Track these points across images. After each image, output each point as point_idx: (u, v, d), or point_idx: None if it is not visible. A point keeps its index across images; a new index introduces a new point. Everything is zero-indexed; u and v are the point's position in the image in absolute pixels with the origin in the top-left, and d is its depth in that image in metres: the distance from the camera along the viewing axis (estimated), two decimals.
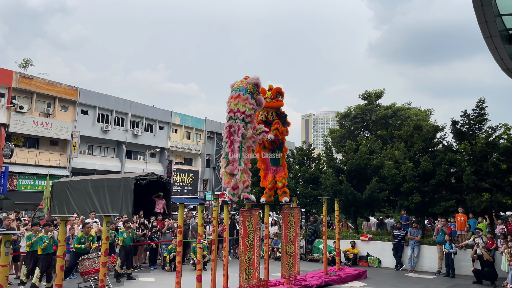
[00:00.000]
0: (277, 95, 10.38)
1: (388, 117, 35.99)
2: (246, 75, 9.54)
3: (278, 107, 10.44)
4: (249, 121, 8.91)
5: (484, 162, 13.48)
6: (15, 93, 29.98)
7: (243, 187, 8.64)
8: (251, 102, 8.95)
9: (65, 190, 16.77)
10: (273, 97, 10.35)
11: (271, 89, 10.56)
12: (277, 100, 10.39)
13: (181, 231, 8.63)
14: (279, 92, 10.46)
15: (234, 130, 8.78)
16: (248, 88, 8.97)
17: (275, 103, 10.35)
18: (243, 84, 9.02)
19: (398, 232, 13.84)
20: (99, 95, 35.64)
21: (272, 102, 10.29)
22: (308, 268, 12.76)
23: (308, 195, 17.16)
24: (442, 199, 13.91)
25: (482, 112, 14.53)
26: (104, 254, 7.21)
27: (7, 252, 5.68)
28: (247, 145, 8.95)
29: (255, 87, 9.10)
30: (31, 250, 9.64)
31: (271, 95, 10.39)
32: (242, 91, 8.91)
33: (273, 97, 10.36)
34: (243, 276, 8.66)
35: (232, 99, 8.96)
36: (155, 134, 40.43)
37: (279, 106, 10.47)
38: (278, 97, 10.42)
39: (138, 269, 13.01)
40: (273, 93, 10.42)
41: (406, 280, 11.97)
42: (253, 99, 9.05)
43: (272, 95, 10.39)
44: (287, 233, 10.15)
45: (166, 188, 16.81)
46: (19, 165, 29.87)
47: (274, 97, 10.37)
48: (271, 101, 10.27)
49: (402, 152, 15.10)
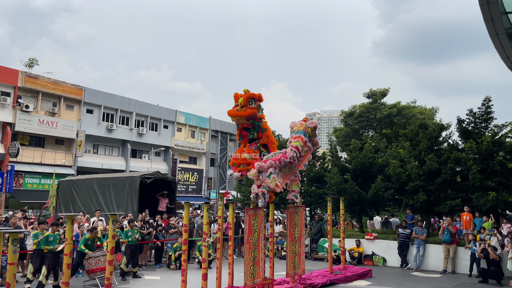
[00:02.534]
0: (249, 102, 9.25)
1: (393, 115, 35.85)
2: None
3: (248, 116, 9.23)
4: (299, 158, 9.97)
5: (490, 160, 13.40)
6: (21, 92, 30.17)
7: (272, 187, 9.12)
8: (308, 145, 10.02)
9: (71, 189, 16.86)
10: (244, 105, 9.25)
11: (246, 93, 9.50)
12: (248, 107, 9.24)
13: (187, 229, 8.65)
14: (252, 98, 9.30)
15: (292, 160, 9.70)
16: (307, 132, 10.07)
17: (244, 112, 9.21)
18: (302, 128, 10.10)
19: (404, 231, 13.80)
20: (104, 94, 35.79)
21: (242, 110, 9.23)
22: (313, 267, 12.75)
23: (312, 194, 17.15)
24: (447, 198, 13.86)
25: (488, 110, 14.45)
26: (111, 252, 7.24)
27: (15, 250, 5.72)
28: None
29: (313, 130, 10.17)
30: (37, 248, 9.71)
31: (242, 102, 9.31)
32: (302, 135, 10.01)
33: (244, 104, 9.25)
34: (248, 275, 8.68)
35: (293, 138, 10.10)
36: (160, 133, 40.54)
37: (250, 115, 9.24)
38: (250, 104, 9.27)
39: (143, 267, 13.06)
40: (244, 100, 9.29)
41: (412, 279, 11.93)
42: (310, 141, 10.09)
43: (243, 102, 9.30)
44: (292, 232, 10.15)
45: (171, 187, 16.87)
46: (25, 164, 30.07)
47: (245, 104, 9.24)
48: (241, 109, 9.25)
49: (408, 151, 15.05)
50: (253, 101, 9.32)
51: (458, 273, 12.63)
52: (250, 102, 9.28)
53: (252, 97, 9.29)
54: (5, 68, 29.56)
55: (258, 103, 9.44)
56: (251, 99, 9.28)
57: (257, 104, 9.38)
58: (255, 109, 9.30)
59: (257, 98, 9.39)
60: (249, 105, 9.26)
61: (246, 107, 9.24)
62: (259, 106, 9.46)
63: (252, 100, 9.29)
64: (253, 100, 9.30)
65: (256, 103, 9.36)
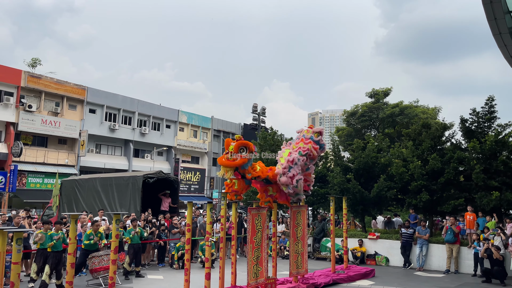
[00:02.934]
0: (240, 150, 8.58)
1: (396, 115, 35.75)
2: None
3: (237, 165, 8.58)
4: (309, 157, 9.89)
5: (493, 160, 13.37)
6: (24, 92, 30.27)
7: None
8: (315, 147, 10.02)
9: (74, 188, 16.89)
10: (235, 153, 8.57)
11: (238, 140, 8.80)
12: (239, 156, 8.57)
13: (190, 229, 8.66)
14: (243, 146, 8.64)
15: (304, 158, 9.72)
16: (313, 136, 10.18)
17: (232, 162, 8.52)
18: (309, 134, 10.24)
19: (407, 231, 13.78)
20: (106, 94, 35.86)
21: (231, 159, 8.54)
22: (315, 267, 12.75)
23: (315, 193, 17.14)
24: (450, 198, 13.83)
25: (492, 110, 14.43)
26: (114, 251, 7.26)
27: (19, 250, 5.73)
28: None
29: (318, 134, 10.26)
30: (41, 248, 9.75)
31: (233, 149, 8.59)
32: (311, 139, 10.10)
33: (235, 152, 8.58)
34: (251, 274, 8.69)
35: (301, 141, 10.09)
36: (162, 133, 40.60)
37: (239, 165, 8.57)
38: (241, 152, 8.61)
39: (146, 266, 13.09)
40: (235, 148, 8.57)
41: (415, 279, 11.92)
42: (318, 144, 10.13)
43: (234, 149, 8.58)
44: (295, 231, 10.15)
45: (174, 187, 16.88)
46: (28, 163, 30.16)
47: (236, 152, 8.57)
48: (230, 158, 8.55)
49: (410, 150, 15.02)
50: (245, 149, 8.65)
51: (461, 273, 12.61)
52: (241, 150, 8.60)
53: (244, 145, 8.64)
54: (8, 68, 29.66)
55: (250, 152, 8.73)
56: (242, 147, 8.62)
57: (248, 153, 8.67)
58: (246, 158, 8.63)
59: (249, 147, 8.71)
60: (240, 154, 8.58)
61: (237, 155, 8.56)
62: (251, 154, 8.77)
63: (243, 148, 8.63)
64: (244, 148, 8.64)
65: (247, 152, 8.67)
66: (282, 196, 9.77)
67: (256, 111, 29.08)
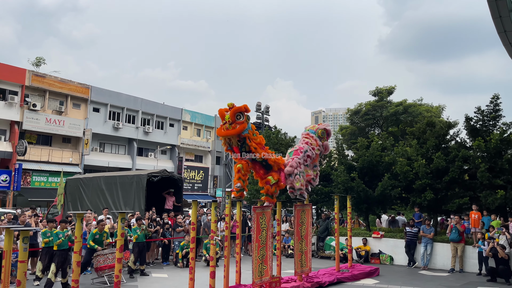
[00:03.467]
0: (236, 117, 8.55)
1: (399, 113, 35.69)
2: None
3: (240, 132, 8.59)
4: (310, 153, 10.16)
5: (498, 159, 13.32)
6: (28, 91, 30.38)
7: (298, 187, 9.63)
8: (318, 143, 10.39)
9: (78, 187, 16.96)
10: (232, 121, 8.57)
11: (231, 108, 8.71)
12: (237, 122, 8.58)
13: (195, 227, 8.67)
14: (240, 112, 8.58)
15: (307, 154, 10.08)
16: (317, 132, 10.54)
17: (234, 130, 8.55)
18: (314, 128, 10.69)
19: (411, 230, 13.75)
20: (110, 93, 35.94)
21: (231, 128, 8.56)
22: (319, 265, 12.75)
23: (319, 192, 17.13)
24: (455, 196, 13.78)
25: (497, 108, 14.36)
26: (119, 250, 7.29)
27: (25, 248, 5.76)
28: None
29: (323, 132, 10.58)
30: (46, 246, 9.80)
31: (229, 119, 8.59)
32: (313, 134, 10.49)
33: (232, 120, 8.57)
34: (256, 273, 8.69)
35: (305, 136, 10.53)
36: (166, 131, 40.66)
37: (241, 131, 8.60)
38: (238, 119, 8.58)
39: (150, 265, 13.13)
40: (232, 116, 8.55)
41: (419, 277, 11.90)
42: (320, 141, 10.44)
43: (230, 118, 8.58)
44: (299, 230, 10.15)
45: (178, 185, 16.92)
46: (33, 162, 30.29)
47: (233, 120, 8.55)
48: (230, 127, 8.56)
49: (415, 149, 14.97)
50: (241, 114, 8.60)
51: (466, 271, 12.57)
52: (238, 116, 8.56)
53: (239, 111, 8.56)
54: (12, 67, 29.77)
55: (246, 115, 8.73)
56: (238, 113, 8.56)
57: (245, 117, 8.67)
58: (245, 123, 8.66)
59: (244, 110, 8.65)
60: (237, 120, 8.57)
61: (235, 123, 8.57)
62: (247, 118, 8.80)
63: (239, 114, 8.57)
64: (240, 114, 8.59)
65: (244, 116, 8.64)
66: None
67: (259, 109, 29.02)
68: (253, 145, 8.91)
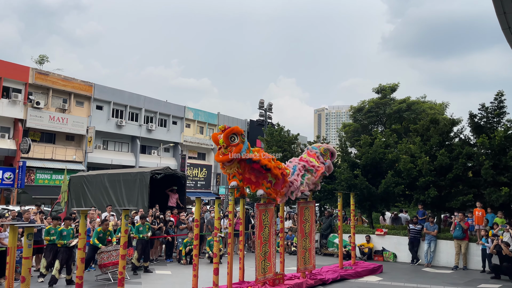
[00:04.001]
0: (230, 139, 8.22)
1: (403, 111, 35.54)
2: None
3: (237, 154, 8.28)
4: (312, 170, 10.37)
5: (502, 156, 13.25)
6: (32, 89, 30.46)
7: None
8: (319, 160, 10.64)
9: (82, 184, 17.00)
10: (227, 145, 8.19)
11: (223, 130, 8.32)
12: (233, 145, 8.24)
13: (198, 224, 8.69)
14: (232, 134, 8.24)
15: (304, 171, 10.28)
16: (320, 150, 10.84)
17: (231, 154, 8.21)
18: (317, 146, 11.06)
19: (415, 227, 13.73)
20: (113, 91, 35.99)
21: (227, 153, 8.18)
22: (322, 262, 12.75)
23: (322, 189, 17.10)
24: (459, 194, 13.74)
25: (501, 105, 14.29)
26: (123, 247, 7.30)
27: (30, 245, 5.78)
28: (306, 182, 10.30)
29: (326, 150, 10.91)
30: (50, 243, 9.85)
31: (223, 143, 8.20)
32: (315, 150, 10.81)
33: (226, 144, 8.18)
34: (259, 270, 8.70)
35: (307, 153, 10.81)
36: (169, 129, 40.71)
37: (239, 152, 8.28)
38: (233, 141, 8.26)
39: (154, 262, 13.16)
40: (225, 140, 8.15)
41: (423, 275, 11.88)
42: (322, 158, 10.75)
43: (224, 142, 8.18)
44: (302, 227, 10.15)
45: (181, 183, 16.92)
46: (36, 159, 30.39)
47: (228, 143, 8.18)
48: (226, 151, 8.18)
49: (418, 146, 14.93)
50: (235, 136, 8.30)
51: (469, 269, 12.55)
52: (231, 138, 8.28)
53: (231, 133, 8.27)
54: (16, 65, 29.85)
55: (241, 135, 8.41)
56: (232, 135, 8.28)
57: (239, 138, 8.34)
58: (241, 144, 8.32)
59: (236, 131, 8.35)
60: (232, 143, 8.27)
61: (230, 146, 8.25)
62: (242, 137, 8.43)
63: (233, 136, 8.28)
64: (234, 136, 8.29)
65: (238, 138, 8.32)
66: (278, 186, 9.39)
67: (262, 107, 29.03)
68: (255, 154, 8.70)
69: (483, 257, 12.17)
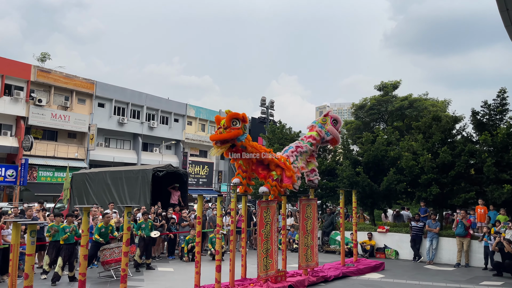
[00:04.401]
0: (232, 123, 8.35)
1: (405, 108, 35.47)
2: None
3: (233, 137, 8.37)
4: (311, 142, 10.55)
5: (505, 153, 13.22)
6: (34, 87, 30.49)
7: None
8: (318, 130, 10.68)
9: (84, 182, 17.04)
10: (227, 126, 8.34)
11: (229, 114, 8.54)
12: (232, 128, 8.35)
13: (200, 221, 8.71)
14: (235, 118, 8.39)
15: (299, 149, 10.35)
16: (318, 121, 10.94)
17: (227, 134, 8.30)
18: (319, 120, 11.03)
19: (417, 224, 13.72)
20: (115, 88, 36.01)
21: (226, 132, 8.33)
22: (324, 260, 12.76)
23: (324, 186, 17.11)
24: (461, 191, 13.72)
25: (504, 102, 14.23)
26: (126, 244, 7.32)
27: (33, 242, 5.80)
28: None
29: (325, 119, 10.87)
30: (53, 240, 9.87)
31: (225, 124, 8.36)
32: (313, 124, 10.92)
33: (227, 125, 8.34)
34: (261, 267, 8.72)
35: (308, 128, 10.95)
36: (171, 127, 40.73)
37: (234, 136, 8.36)
38: (234, 125, 8.37)
39: (156, 259, 13.20)
40: (227, 121, 8.34)
41: (425, 272, 11.88)
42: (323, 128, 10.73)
43: (225, 123, 8.34)
44: (304, 224, 10.15)
45: (183, 180, 16.95)
46: (39, 157, 30.46)
47: (229, 125, 8.33)
48: (224, 132, 8.33)
49: (420, 143, 14.90)
50: (237, 121, 8.37)
51: (471, 266, 12.55)
52: (234, 122, 8.34)
53: (236, 117, 8.36)
54: (18, 63, 29.88)
55: (243, 124, 8.49)
56: (235, 119, 8.35)
57: (242, 124, 8.42)
58: (240, 130, 8.37)
59: (241, 118, 8.43)
60: (233, 126, 8.33)
61: (230, 128, 8.34)
62: (244, 126, 8.52)
63: (236, 120, 8.35)
64: (237, 120, 8.36)
65: (241, 123, 8.39)
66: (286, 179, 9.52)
67: (264, 104, 28.97)
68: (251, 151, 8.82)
69: (485, 255, 12.16)
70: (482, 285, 10.13)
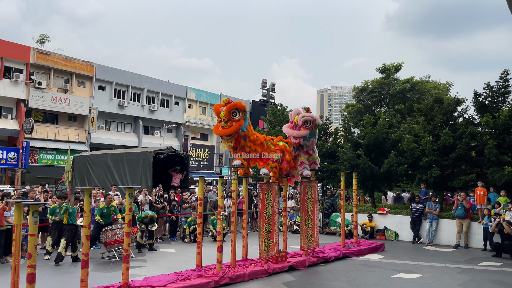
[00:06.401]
0: (232, 114, 8.38)
1: (406, 91, 35.26)
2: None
3: (235, 131, 8.42)
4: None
5: (506, 135, 13.20)
6: (33, 69, 30.30)
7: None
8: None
9: (85, 164, 17.09)
10: (228, 119, 8.35)
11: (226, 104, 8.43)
12: (233, 120, 8.37)
13: (202, 203, 8.75)
14: (235, 109, 8.38)
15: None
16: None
17: (228, 129, 8.37)
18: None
19: (417, 206, 13.79)
20: (115, 71, 35.78)
21: (227, 126, 8.36)
22: (325, 241, 12.86)
23: (324, 169, 17.14)
24: (462, 173, 13.74)
25: (506, 84, 14.14)
26: (128, 225, 7.37)
27: (35, 222, 5.83)
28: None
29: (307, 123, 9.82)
30: (55, 221, 9.94)
31: (225, 116, 8.36)
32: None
33: (227, 118, 8.35)
34: (262, 248, 8.80)
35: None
36: (171, 110, 40.61)
37: (236, 130, 8.41)
38: (234, 116, 8.39)
39: (158, 240, 13.31)
40: (227, 114, 8.32)
41: (424, 253, 11.99)
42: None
43: (225, 116, 8.34)
44: (305, 206, 10.21)
45: (184, 162, 16.98)
46: (40, 140, 30.48)
47: (229, 118, 8.34)
48: (226, 126, 8.37)
49: (422, 126, 14.86)
50: (237, 111, 8.39)
51: (471, 247, 12.66)
52: (233, 113, 8.38)
53: (234, 108, 8.36)
54: (17, 45, 29.62)
55: (243, 111, 8.50)
56: (234, 110, 8.37)
57: (241, 113, 8.43)
58: (241, 120, 8.41)
59: (239, 107, 8.42)
60: (233, 118, 8.37)
61: (230, 121, 8.36)
62: (244, 114, 8.52)
63: (235, 111, 8.38)
64: (236, 111, 8.39)
65: (240, 113, 8.42)
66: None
67: (265, 87, 28.80)
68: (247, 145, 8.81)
69: (484, 236, 12.25)
70: (481, 265, 10.22)
